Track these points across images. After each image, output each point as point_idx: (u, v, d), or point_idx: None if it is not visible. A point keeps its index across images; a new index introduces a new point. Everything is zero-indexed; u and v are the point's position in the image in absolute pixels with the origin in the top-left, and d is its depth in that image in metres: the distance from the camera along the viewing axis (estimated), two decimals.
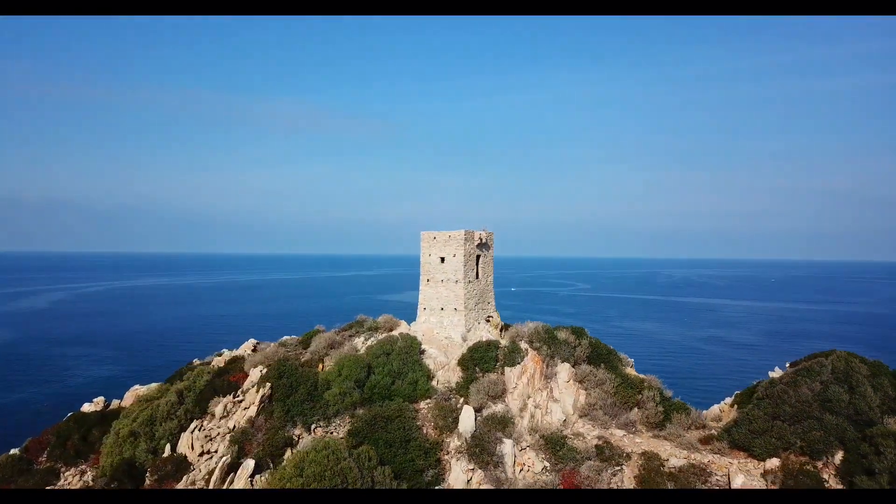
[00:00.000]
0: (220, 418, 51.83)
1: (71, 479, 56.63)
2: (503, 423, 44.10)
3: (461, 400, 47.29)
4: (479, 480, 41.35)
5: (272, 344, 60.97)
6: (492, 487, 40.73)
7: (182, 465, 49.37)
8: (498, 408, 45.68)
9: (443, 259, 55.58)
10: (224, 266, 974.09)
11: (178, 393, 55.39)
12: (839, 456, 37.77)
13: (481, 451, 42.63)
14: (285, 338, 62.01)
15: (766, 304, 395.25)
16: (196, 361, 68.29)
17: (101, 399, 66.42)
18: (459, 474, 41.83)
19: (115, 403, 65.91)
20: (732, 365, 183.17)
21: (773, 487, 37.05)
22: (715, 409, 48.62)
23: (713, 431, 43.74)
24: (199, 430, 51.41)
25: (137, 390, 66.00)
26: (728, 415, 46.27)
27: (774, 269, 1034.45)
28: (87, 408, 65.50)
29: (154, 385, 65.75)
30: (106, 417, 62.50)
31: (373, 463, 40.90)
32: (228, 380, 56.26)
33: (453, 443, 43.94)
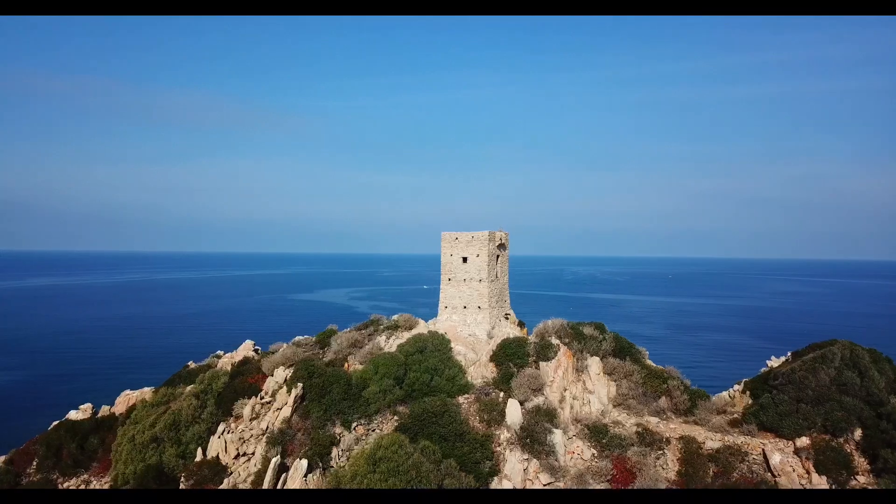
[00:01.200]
0: (251, 420, 51.25)
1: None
2: (550, 415, 46.46)
3: (500, 394, 49.29)
4: (535, 469, 43.55)
5: (284, 345, 60.45)
6: (548, 475, 43.14)
7: (218, 469, 48.59)
8: (539, 400, 48.01)
9: (465, 259, 57.30)
10: (124, 265, 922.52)
11: (195, 396, 54.10)
12: (858, 433, 42.82)
13: (532, 441, 44.84)
14: (298, 338, 61.62)
15: (665, 299, 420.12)
16: (191, 364, 66.49)
17: (88, 406, 63.44)
18: (515, 464, 43.88)
19: (104, 409, 63.18)
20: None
21: (807, 463, 41.61)
22: (724, 395, 53.03)
23: (736, 415, 48.05)
24: (229, 432, 50.67)
25: (129, 395, 63.55)
26: (741, 401, 50.76)
27: (668, 266, 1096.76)
28: (73, 415, 62.41)
29: (147, 389, 63.58)
30: (102, 424, 60.06)
31: (437, 456, 42.26)
32: (248, 381, 55.54)
33: (503, 434, 45.88)
